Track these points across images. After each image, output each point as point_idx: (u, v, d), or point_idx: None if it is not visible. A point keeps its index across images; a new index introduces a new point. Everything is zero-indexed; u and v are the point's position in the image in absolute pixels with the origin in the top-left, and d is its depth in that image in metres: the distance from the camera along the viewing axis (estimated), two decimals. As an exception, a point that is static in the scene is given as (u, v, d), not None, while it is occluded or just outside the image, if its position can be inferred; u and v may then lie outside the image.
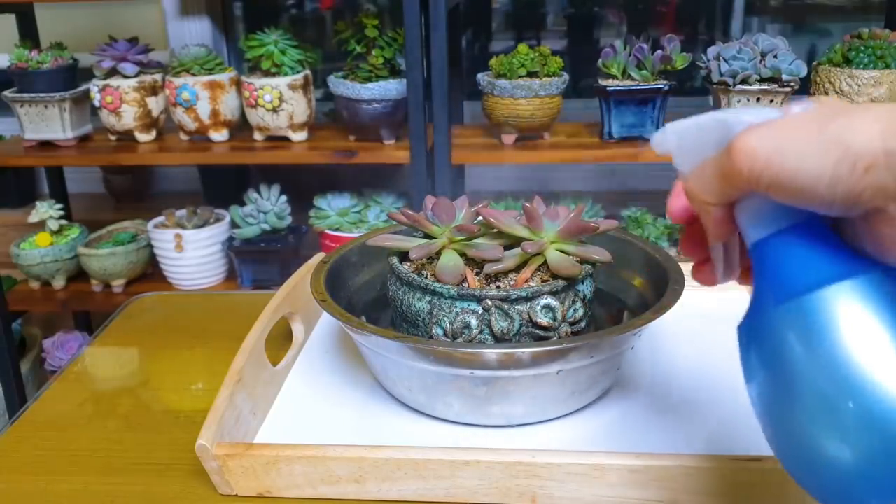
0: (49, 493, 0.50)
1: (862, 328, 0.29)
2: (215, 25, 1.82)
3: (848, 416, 0.28)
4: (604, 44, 1.52)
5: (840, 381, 0.29)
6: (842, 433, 0.29)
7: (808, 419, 0.30)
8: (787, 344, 0.31)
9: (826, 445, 0.29)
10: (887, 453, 0.28)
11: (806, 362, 0.30)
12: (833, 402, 0.29)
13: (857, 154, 0.28)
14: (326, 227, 1.45)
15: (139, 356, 0.70)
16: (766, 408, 0.33)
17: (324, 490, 0.48)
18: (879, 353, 0.29)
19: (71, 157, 1.45)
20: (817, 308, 0.30)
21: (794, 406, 0.30)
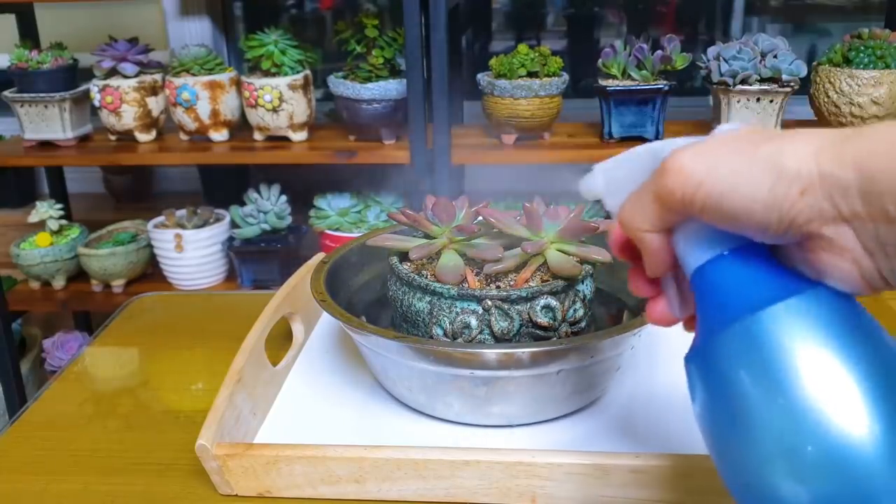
0: (49, 493, 0.50)
1: (809, 349, 0.28)
2: (215, 25, 1.82)
3: (806, 460, 0.27)
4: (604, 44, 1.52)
5: (797, 423, 0.28)
6: (799, 476, 0.28)
7: (763, 459, 0.29)
8: (733, 372, 0.30)
9: (781, 486, 0.28)
10: (843, 494, 0.27)
11: (756, 395, 0.29)
12: (790, 445, 0.28)
13: (791, 177, 0.27)
14: (326, 227, 1.45)
15: (139, 356, 0.70)
16: (717, 442, 0.31)
17: (324, 490, 0.48)
18: (831, 382, 0.28)
19: (71, 157, 1.45)
20: (760, 330, 0.29)
21: (748, 444, 0.29)
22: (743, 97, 1.24)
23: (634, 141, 1.30)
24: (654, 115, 1.28)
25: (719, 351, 0.31)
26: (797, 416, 0.28)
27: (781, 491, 0.28)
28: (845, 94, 1.23)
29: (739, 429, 0.29)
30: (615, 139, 1.31)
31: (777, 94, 1.23)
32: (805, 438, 0.27)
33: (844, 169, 0.26)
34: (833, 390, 0.28)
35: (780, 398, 0.28)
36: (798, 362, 0.28)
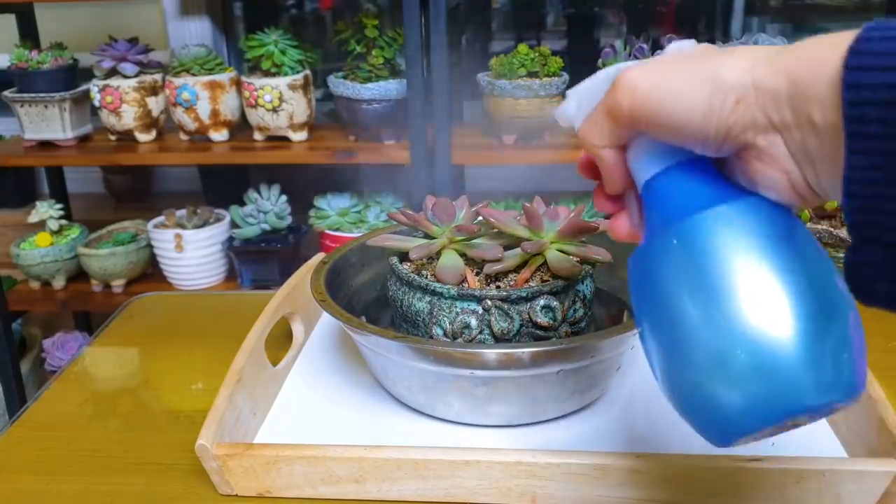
0: (49, 493, 0.50)
1: (738, 254, 0.30)
2: (215, 25, 1.82)
3: (737, 364, 0.29)
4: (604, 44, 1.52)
5: (726, 328, 0.29)
6: (731, 380, 0.29)
7: (697, 365, 0.30)
8: (667, 275, 0.31)
9: (715, 390, 0.30)
10: (772, 395, 0.29)
11: (687, 300, 0.30)
12: (721, 350, 0.29)
13: (727, 88, 0.29)
14: (326, 227, 1.45)
15: (139, 356, 0.70)
16: (654, 344, 0.33)
17: (324, 490, 0.48)
18: (758, 287, 0.29)
19: (71, 157, 1.45)
20: (692, 233, 0.31)
21: (684, 348, 0.30)
22: (743, 97, 1.24)
23: (634, 141, 1.30)
24: (654, 115, 1.27)
25: (656, 253, 0.32)
26: (727, 321, 0.29)
27: (716, 394, 0.30)
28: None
29: (674, 333, 0.31)
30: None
31: (777, 94, 1.23)
32: (735, 343, 0.29)
33: (777, 79, 0.28)
34: (760, 296, 0.29)
35: (711, 303, 0.30)
36: (727, 267, 0.30)
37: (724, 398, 0.29)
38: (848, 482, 0.44)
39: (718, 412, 0.30)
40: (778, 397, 0.29)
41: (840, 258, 1.36)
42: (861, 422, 0.49)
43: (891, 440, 0.45)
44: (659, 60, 0.31)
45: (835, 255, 1.38)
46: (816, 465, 0.44)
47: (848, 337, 0.29)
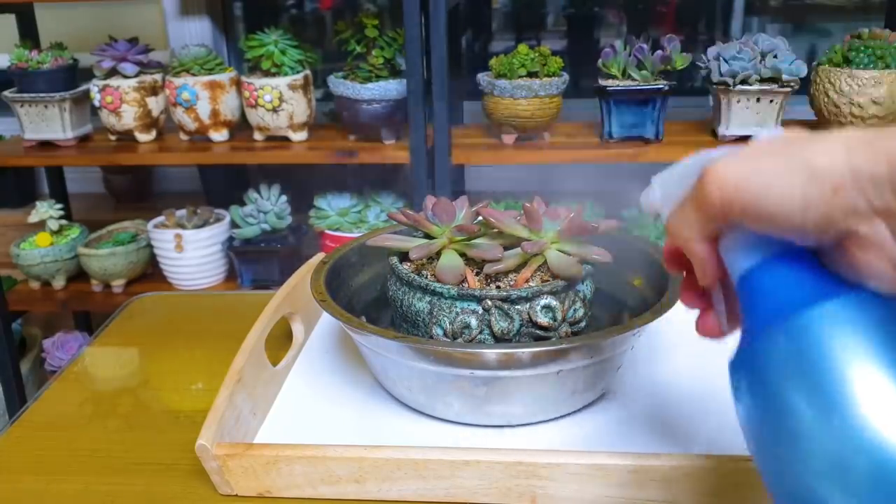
0: (49, 493, 0.50)
1: (851, 356, 0.28)
2: (215, 25, 1.82)
3: (857, 473, 0.27)
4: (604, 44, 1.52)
5: (847, 436, 0.27)
6: (849, 489, 0.27)
7: (812, 471, 0.28)
8: (775, 378, 0.30)
9: (830, 498, 0.28)
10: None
11: (801, 405, 0.29)
12: (840, 457, 0.27)
13: (823, 175, 0.28)
14: (326, 227, 1.45)
15: (139, 356, 0.70)
16: (761, 448, 0.31)
17: (324, 490, 0.48)
18: (878, 392, 0.28)
19: (71, 157, 1.45)
20: (799, 333, 0.29)
21: (795, 454, 0.29)
22: (743, 97, 1.24)
23: (634, 141, 1.31)
24: (654, 115, 1.28)
25: (760, 354, 0.31)
26: (846, 426, 0.28)
27: (832, 500, 0.28)
28: (845, 94, 1.23)
29: (786, 438, 0.29)
30: (615, 139, 1.31)
31: (777, 95, 1.23)
32: (856, 451, 0.27)
33: (877, 164, 0.27)
34: (881, 399, 0.27)
35: (828, 407, 0.28)
36: (843, 368, 0.28)
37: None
38: (848, 482, 0.44)
39: None
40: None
41: None
42: (861, 422, 0.49)
43: (891, 440, 0.45)
44: (748, 150, 0.30)
45: None
46: (816, 465, 0.44)
47: None
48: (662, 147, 1.29)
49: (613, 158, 1.31)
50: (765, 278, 0.31)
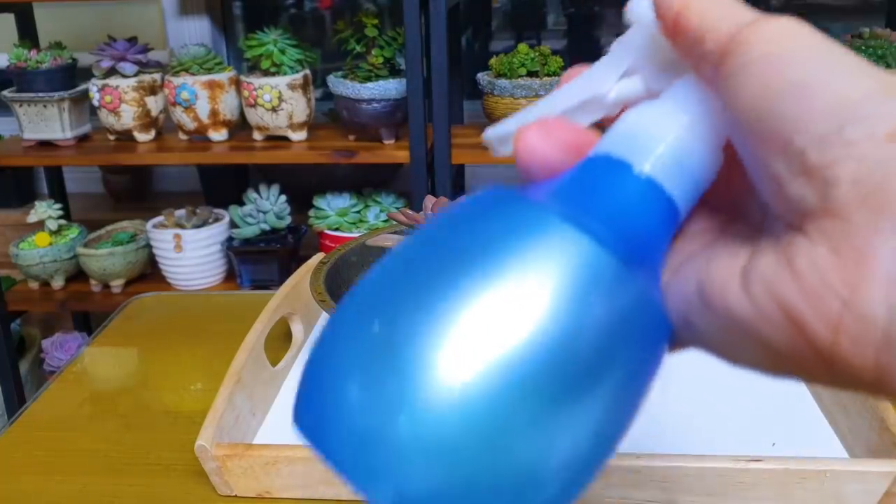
0: (48, 494, 0.50)
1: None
2: (214, 25, 1.82)
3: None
4: (604, 43, 1.52)
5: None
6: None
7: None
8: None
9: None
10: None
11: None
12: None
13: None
14: (326, 227, 1.44)
15: (138, 356, 0.70)
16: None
17: (323, 491, 0.48)
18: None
19: (70, 157, 1.45)
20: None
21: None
22: (743, 97, 1.24)
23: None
24: (653, 115, 1.27)
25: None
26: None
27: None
28: (845, 93, 1.23)
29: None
30: (615, 139, 1.31)
31: (777, 94, 1.23)
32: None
33: None
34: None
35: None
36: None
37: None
38: (849, 482, 0.44)
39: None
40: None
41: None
42: (861, 422, 0.48)
43: (891, 440, 0.45)
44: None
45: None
46: (817, 465, 0.44)
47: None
48: (662, 147, 1.28)
49: (613, 158, 1.30)
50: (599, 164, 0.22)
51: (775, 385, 0.57)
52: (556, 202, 0.21)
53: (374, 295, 0.20)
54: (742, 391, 0.56)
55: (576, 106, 0.24)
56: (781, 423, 0.53)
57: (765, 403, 0.55)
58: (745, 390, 0.57)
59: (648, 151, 0.21)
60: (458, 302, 0.18)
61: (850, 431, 0.50)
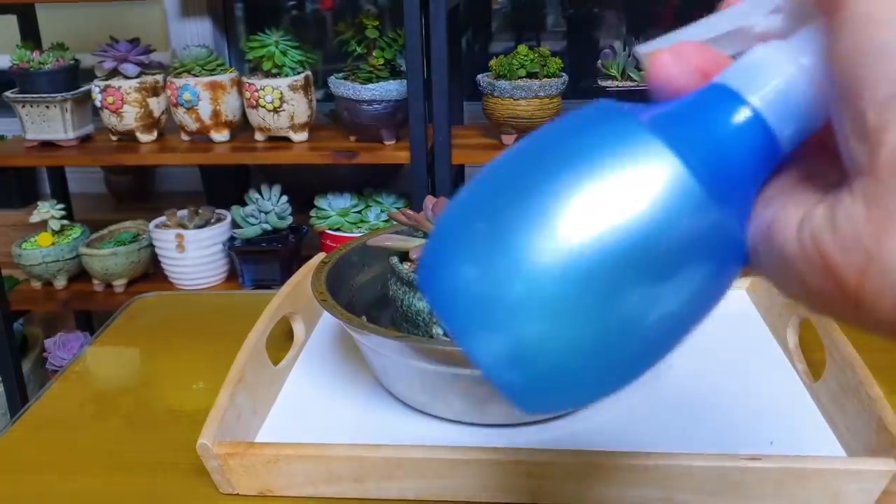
0: (50, 493, 0.50)
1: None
2: (216, 26, 1.82)
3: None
4: (603, 44, 1.52)
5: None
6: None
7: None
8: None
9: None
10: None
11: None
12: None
13: None
14: (327, 227, 1.45)
15: (140, 356, 0.70)
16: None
17: (324, 489, 0.48)
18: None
19: (72, 158, 1.45)
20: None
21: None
22: (743, 98, 1.24)
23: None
24: (654, 116, 1.28)
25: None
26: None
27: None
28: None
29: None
30: (615, 139, 1.31)
31: (777, 95, 1.23)
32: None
33: None
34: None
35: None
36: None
37: None
38: (847, 481, 0.44)
39: None
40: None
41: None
42: (860, 421, 0.49)
43: (890, 440, 0.45)
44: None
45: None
46: (816, 464, 0.44)
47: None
48: (663, 147, 1.29)
49: (614, 159, 1.30)
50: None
51: (774, 384, 0.58)
52: (663, 123, 0.23)
53: (496, 183, 0.24)
54: (741, 391, 0.57)
55: (723, 35, 0.25)
56: (780, 422, 0.53)
57: (763, 402, 0.55)
58: (743, 390, 0.57)
59: (760, 85, 0.22)
60: (561, 194, 0.22)
61: (848, 430, 0.50)
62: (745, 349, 0.62)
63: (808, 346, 0.60)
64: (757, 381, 0.58)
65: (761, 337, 0.64)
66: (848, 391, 0.50)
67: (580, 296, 0.22)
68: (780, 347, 0.62)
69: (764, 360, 0.61)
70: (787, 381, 0.58)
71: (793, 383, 0.58)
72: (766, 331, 0.65)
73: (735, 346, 0.62)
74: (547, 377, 0.23)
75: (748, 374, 0.59)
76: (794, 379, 0.58)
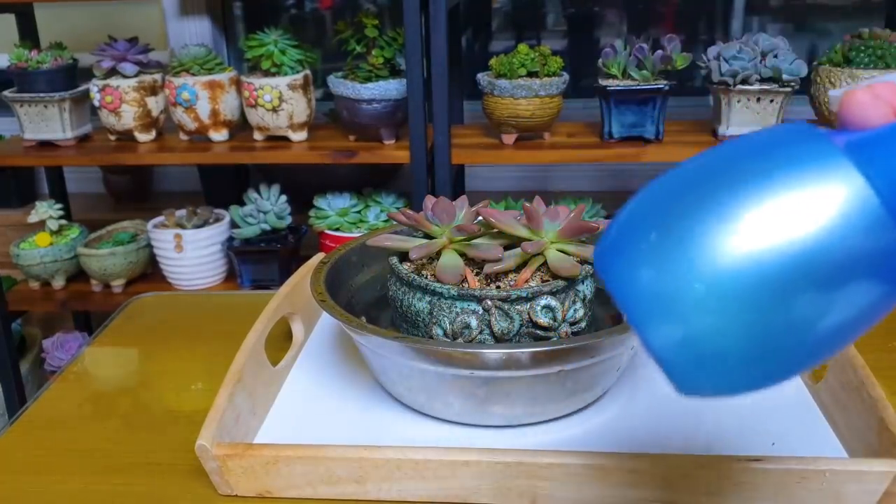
0: (49, 494, 0.50)
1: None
2: (215, 25, 1.82)
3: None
4: (604, 44, 1.52)
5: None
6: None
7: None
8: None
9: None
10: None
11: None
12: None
13: None
14: (326, 227, 1.45)
15: (139, 356, 0.70)
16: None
17: (324, 490, 0.48)
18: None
19: (71, 157, 1.45)
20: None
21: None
22: (743, 97, 1.24)
23: (635, 141, 1.31)
24: (654, 115, 1.27)
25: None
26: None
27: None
28: (845, 93, 1.22)
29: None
30: (615, 139, 1.31)
31: (777, 94, 1.23)
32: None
33: None
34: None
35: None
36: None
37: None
38: (848, 482, 0.44)
39: None
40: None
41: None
42: (861, 422, 0.49)
43: (891, 440, 0.45)
44: None
45: None
46: (817, 465, 0.44)
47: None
48: (662, 147, 1.29)
49: (613, 158, 1.30)
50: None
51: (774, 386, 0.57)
52: (855, 148, 0.25)
53: (681, 188, 0.27)
54: (742, 391, 0.56)
55: None
56: (781, 422, 0.53)
57: (764, 403, 0.55)
58: (744, 390, 0.57)
59: None
60: (748, 202, 0.25)
61: (850, 431, 0.50)
62: (745, 349, 0.62)
63: (809, 346, 0.60)
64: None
65: (762, 337, 0.64)
66: (849, 392, 0.50)
67: (753, 297, 0.25)
68: (781, 347, 0.62)
69: (765, 360, 0.61)
70: (789, 382, 0.58)
71: (794, 384, 0.57)
72: (766, 331, 0.64)
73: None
74: (712, 365, 0.26)
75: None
76: (795, 379, 0.58)
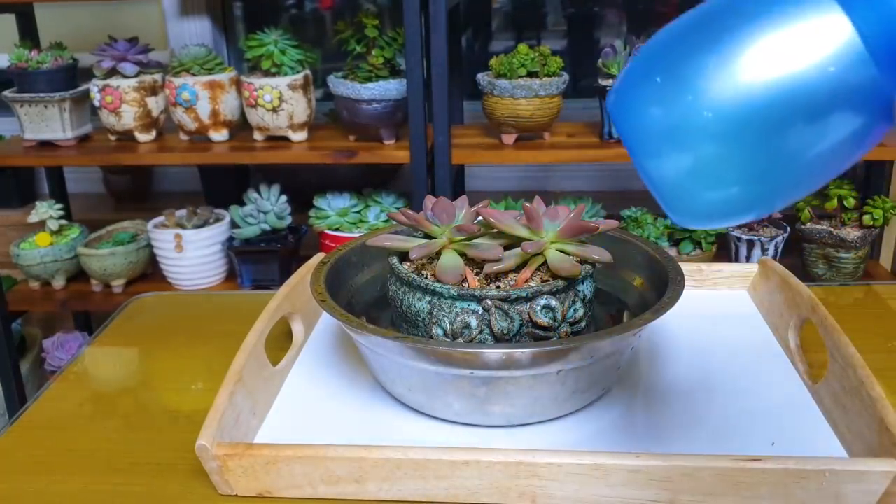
0: (49, 494, 0.50)
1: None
2: (215, 25, 1.82)
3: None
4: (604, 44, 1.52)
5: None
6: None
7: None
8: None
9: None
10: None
11: None
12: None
13: None
14: (326, 227, 1.45)
15: (139, 356, 0.70)
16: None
17: (324, 490, 0.48)
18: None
19: (71, 157, 1.45)
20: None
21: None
22: (743, 97, 1.24)
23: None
24: (654, 115, 1.27)
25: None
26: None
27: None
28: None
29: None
30: (615, 139, 1.31)
31: (777, 94, 1.23)
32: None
33: None
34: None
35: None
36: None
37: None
38: (848, 482, 0.44)
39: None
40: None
41: (841, 258, 1.35)
42: (861, 422, 0.49)
43: (891, 440, 0.45)
44: None
45: (835, 254, 1.38)
46: (817, 465, 0.44)
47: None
48: (662, 147, 1.28)
49: (613, 158, 1.31)
50: None
51: (775, 385, 0.57)
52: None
53: (679, 34, 0.32)
54: (742, 391, 0.57)
55: None
56: (781, 422, 0.53)
57: (764, 403, 0.55)
58: (745, 390, 0.57)
59: None
60: (742, 42, 0.28)
61: (850, 431, 0.50)
62: (746, 350, 0.62)
63: (810, 346, 0.60)
64: (758, 381, 0.58)
65: (762, 337, 0.64)
66: (849, 392, 0.50)
67: (753, 123, 0.28)
68: (782, 348, 0.62)
69: (765, 360, 0.61)
70: (789, 382, 0.58)
71: (794, 384, 0.57)
72: (767, 331, 0.65)
73: (736, 347, 0.62)
74: (715, 187, 0.29)
75: (749, 374, 0.59)
76: (795, 380, 0.58)
